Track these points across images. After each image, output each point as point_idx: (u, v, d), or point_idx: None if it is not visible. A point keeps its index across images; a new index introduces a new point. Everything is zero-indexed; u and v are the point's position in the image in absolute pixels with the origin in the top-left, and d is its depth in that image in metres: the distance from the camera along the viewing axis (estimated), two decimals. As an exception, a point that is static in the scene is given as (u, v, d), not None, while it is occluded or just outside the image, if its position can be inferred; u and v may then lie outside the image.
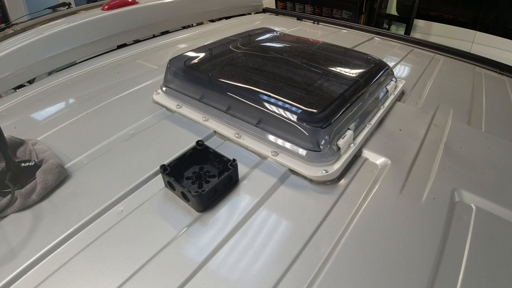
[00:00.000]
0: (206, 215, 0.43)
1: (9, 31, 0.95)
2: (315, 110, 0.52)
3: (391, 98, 0.70)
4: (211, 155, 0.49)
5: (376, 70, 0.69)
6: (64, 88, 0.77)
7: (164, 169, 0.45)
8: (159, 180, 0.48)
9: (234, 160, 0.46)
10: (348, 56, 0.78)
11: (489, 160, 0.56)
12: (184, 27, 1.24)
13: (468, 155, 0.57)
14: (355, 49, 1.03)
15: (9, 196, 0.44)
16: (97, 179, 0.49)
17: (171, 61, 0.69)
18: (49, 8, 1.30)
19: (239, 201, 0.45)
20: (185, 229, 0.41)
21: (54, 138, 0.58)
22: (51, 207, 0.44)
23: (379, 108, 0.66)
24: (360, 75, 0.65)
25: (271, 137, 0.54)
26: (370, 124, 0.61)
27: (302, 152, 0.51)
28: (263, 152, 0.53)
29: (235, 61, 0.70)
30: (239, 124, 0.57)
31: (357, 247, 0.40)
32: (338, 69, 0.68)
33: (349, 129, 0.55)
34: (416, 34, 2.41)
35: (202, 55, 0.72)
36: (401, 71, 0.93)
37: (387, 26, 2.65)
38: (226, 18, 1.40)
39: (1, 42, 0.84)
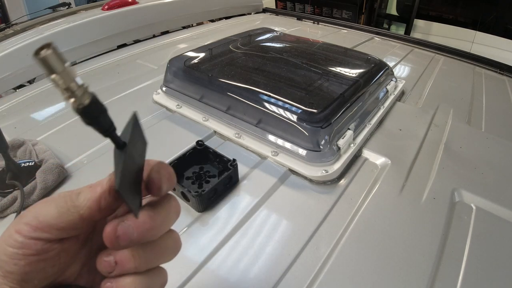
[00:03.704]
0: (206, 215, 0.43)
1: (9, 31, 0.95)
2: (315, 110, 0.52)
3: (391, 98, 0.70)
4: (211, 155, 0.49)
5: (376, 70, 0.69)
6: (64, 88, 0.77)
7: (164, 169, 0.45)
8: (159, 180, 0.48)
9: (234, 160, 0.46)
10: (348, 56, 0.78)
11: (489, 160, 0.56)
12: (184, 27, 1.24)
13: (468, 155, 0.57)
14: (355, 49, 1.03)
15: (9, 196, 0.44)
16: (97, 179, 0.49)
17: (171, 61, 0.69)
18: (49, 8, 1.29)
19: (239, 201, 0.45)
20: (185, 229, 0.41)
21: (54, 138, 0.58)
22: (51, 207, 0.44)
23: (379, 108, 0.66)
24: (360, 75, 0.65)
25: (271, 137, 0.54)
26: (370, 124, 0.61)
27: (302, 152, 0.51)
28: (263, 152, 0.53)
29: (235, 61, 0.70)
30: (239, 124, 0.57)
31: (357, 247, 0.40)
32: (338, 69, 0.68)
33: (349, 129, 0.55)
34: (416, 34, 2.41)
35: (202, 55, 0.72)
36: (401, 71, 0.93)
37: (387, 26, 2.65)
38: (226, 18, 1.40)
39: (1, 42, 0.84)
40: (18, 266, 0.18)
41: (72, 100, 0.16)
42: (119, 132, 0.20)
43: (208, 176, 0.47)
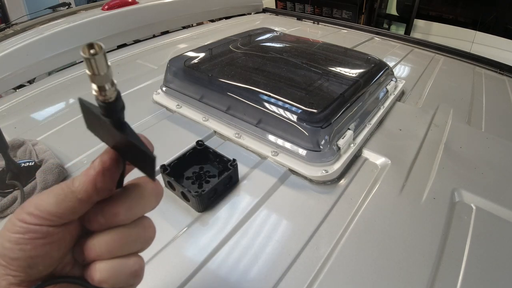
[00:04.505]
0: (206, 215, 0.43)
1: (9, 31, 0.95)
2: (315, 110, 0.52)
3: (391, 98, 0.70)
4: (211, 155, 0.49)
5: (376, 70, 0.69)
6: (64, 88, 0.77)
7: (164, 169, 0.45)
8: (159, 180, 0.48)
9: (234, 160, 0.46)
10: (348, 56, 0.78)
11: (489, 160, 0.56)
12: (184, 27, 1.24)
13: (468, 155, 0.57)
14: (355, 49, 1.03)
15: (9, 196, 0.44)
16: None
17: (171, 61, 0.69)
18: (49, 8, 1.30)
19: (239, 201, 0.45)
20: (185, 229, 0.41)
21: (54, 138, 0.58)
22: (51, 207, 0.44)
23: (379, 108, 0.66)
24: (360, 75, 0.65)
25: (271, 137, 0.54)
26: (370, 124, 0.61)
27: (302, 152, 0.51)
28: (263, 152, 0.53)
29: (235, 61, 0.70)
30: (239, 124, 0.57)
31: (357, 247, 0.40)
32: (338, 69, 0.68)
33: (349, 129, 0.55)
34: (416, 34, 2.41)
35: (202, 55, 0.72)
36: (401, 71, 0.93)
37: (387, 26, 2.65)
38: (226, 18, 1.40)
39: (1, 42, 0.84)
40: (24, 252, 0.18)
41: (100, 96, 0.17)
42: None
43: (208, 176, 0.47)
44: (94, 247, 0.20)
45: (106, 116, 0.18)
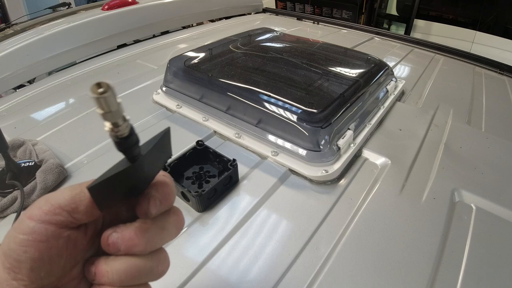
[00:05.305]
0: (206, 215, 0.43)
1: (9, 31, 0.95)
2: (315, 110, 0.52)
3: (391, 98, 0.70)
4: (211, 155, 0.49)
5: (376, 70, 0.69)
6: (64, 88, 0.77)
7: (164, 169, 0.45)
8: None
9: (234, 160, 0.46)
10: (348, 56, 0.78)
11: (489, 160, 0.56)
12: (184, 27, 1.24)
13: (468, 155, 0.57)
14: (355, 49, 1.03)
15: (9, 196, 0.44)
16: (97, 179, 0.49)
17: (171, 61, 0.69)
18: (49, 8, 1.30)
19: (239, 201, 0.45)
20: (185, 229, 0.41)
21: (54, 138, 0.58)
22: (51, 207, 0.44)
23: (379, 108, 0.66)
24: (360, 75, 0.65)
25: (271, 137, 0.54)
26: (370, 124, 0.61)
27: (302, 152, 0.51)
28: (263, 152, 0.53)
29: (235, 61, 0.70)
30: (239, 124, 0.57)
31: (357, 247, 0.40)
32: (338, 69, 0.68)
33: (349, 129, 0.55)
34: (416, 34, 2.41)
35: (202, 55, 0.72)
36: (401, 71, 0.93)
37: (387, 26, 2.65)
38: (226, 18, 1.40)
39: (1, 42, 0.84)
40: (27, 254, 0.18)
41: (113, 132, 0.17)
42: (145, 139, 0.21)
43: (208, 176, 0.47)
44: (107, 273, 0.20)
45: (121, 151, 0.19)
